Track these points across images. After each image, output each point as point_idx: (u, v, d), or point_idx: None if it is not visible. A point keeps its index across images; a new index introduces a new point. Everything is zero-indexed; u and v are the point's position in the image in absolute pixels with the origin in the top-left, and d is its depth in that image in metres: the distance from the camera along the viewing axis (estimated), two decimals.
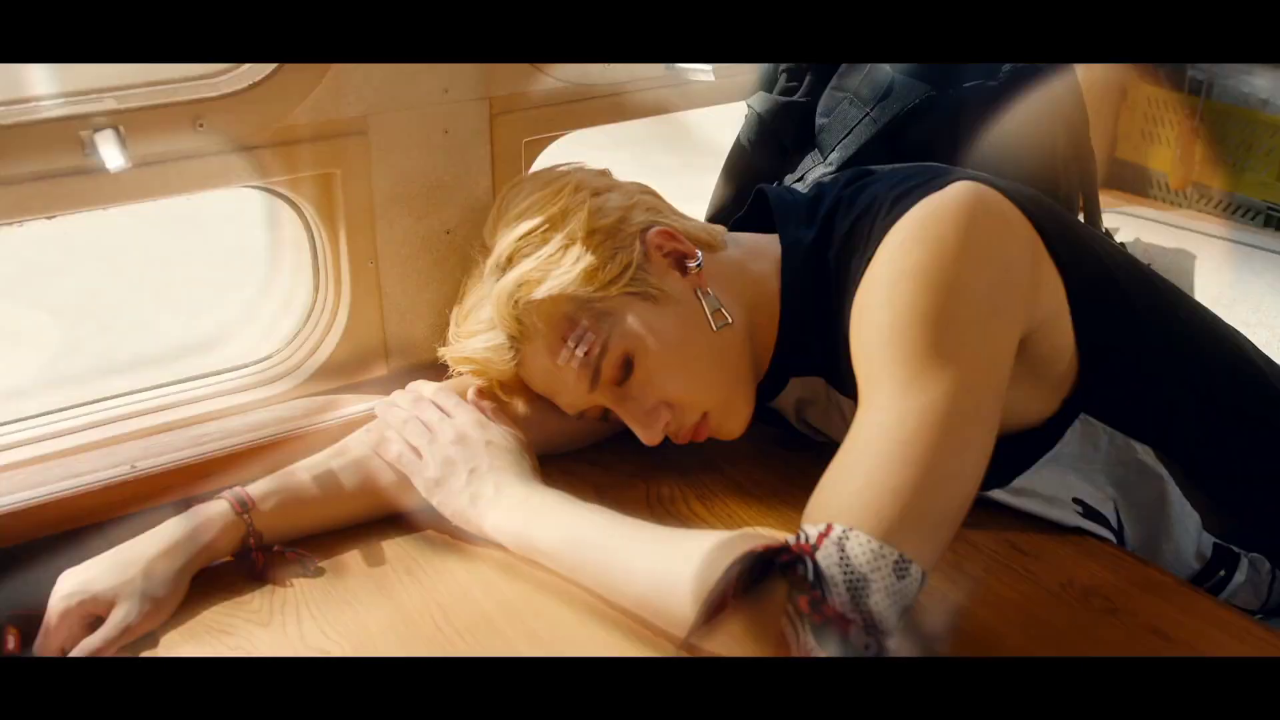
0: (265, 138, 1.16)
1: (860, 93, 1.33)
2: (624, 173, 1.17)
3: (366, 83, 1.20)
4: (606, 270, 1.06)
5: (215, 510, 1.04)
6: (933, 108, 1.31)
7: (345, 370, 1.31)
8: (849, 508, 0.83)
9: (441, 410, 1.12)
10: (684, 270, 1.09)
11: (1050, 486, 1.06)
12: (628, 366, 1.06)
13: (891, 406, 0.87)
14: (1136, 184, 1.87)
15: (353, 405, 1.25)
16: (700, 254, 1.09)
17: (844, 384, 1.04)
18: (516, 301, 1.06)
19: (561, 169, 1.15)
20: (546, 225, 1.07)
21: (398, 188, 1.26)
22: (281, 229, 1.27)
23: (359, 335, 1.30)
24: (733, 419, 1.12)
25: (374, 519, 1.12)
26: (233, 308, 1.34)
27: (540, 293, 1.05)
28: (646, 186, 1.16)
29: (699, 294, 1.08)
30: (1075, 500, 1.06)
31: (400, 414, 1.12)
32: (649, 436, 1.09)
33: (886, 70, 1.33)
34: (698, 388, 1.09)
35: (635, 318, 1.06)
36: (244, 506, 1.05)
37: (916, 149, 1.27)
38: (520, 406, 1.18)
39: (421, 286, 1.32)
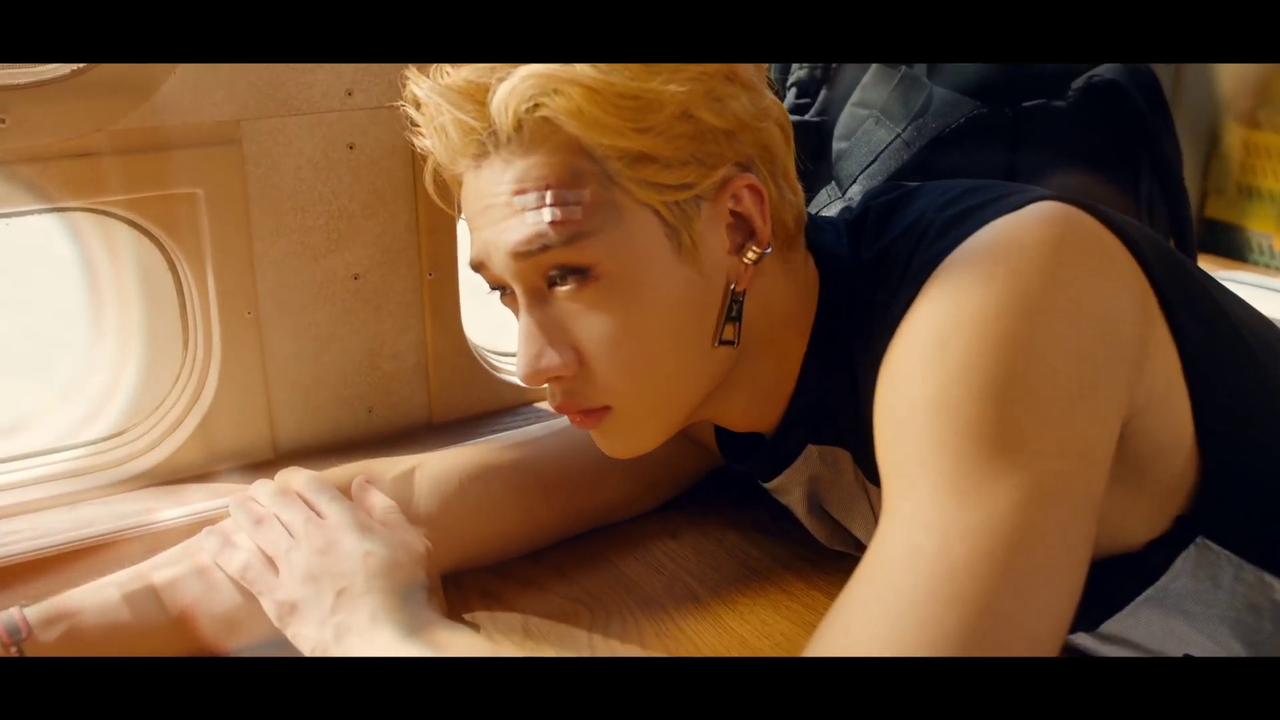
0: (94, 143, 0.93)
1: (889, 110, 1.11)
2: None
3: (239, 77, 0.99)
4: (663, 171, 0.77)
5: None
6: (983, 130, 1.09)
7: (216, 453, 1.08)
8: None
9: (311, 508, 0.87)
10: (737, 248, 0.82)
11: (1151, 635, 0.84)
12: (577, 277, 0.79)
13: (934, 520, 0.66)
14: (1232, 247, 1.69)
15: (205, 500, 1.01)
16: (770, 250, 0.83)
17: (874, 466, 0.76)
18: (536, 105, 0.77)
19: None
20: (648, 67, 0.77)
21: (285, 217, 1.05)
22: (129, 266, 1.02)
23: (234, 406, 1.08)
24: (632, 438, 0.86)
25: (205, 655, 0.86)
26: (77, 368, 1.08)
27: (568, 124, 0.76)
28: (786, 115, 0.87)
29: (729, 290, 0.82)
30: (1185, 657, 0.84)
31: (256, 511, 0.88)
32: (527, 374, 0.81)
33: (923, 83, 1.11)
34: (630, 377, 0.81)
35: (638, 245, 0.78)
36: (15, 635, 0.81)
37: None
38: (425, 502, 0.93)
39: (321, 346, 1.09)
